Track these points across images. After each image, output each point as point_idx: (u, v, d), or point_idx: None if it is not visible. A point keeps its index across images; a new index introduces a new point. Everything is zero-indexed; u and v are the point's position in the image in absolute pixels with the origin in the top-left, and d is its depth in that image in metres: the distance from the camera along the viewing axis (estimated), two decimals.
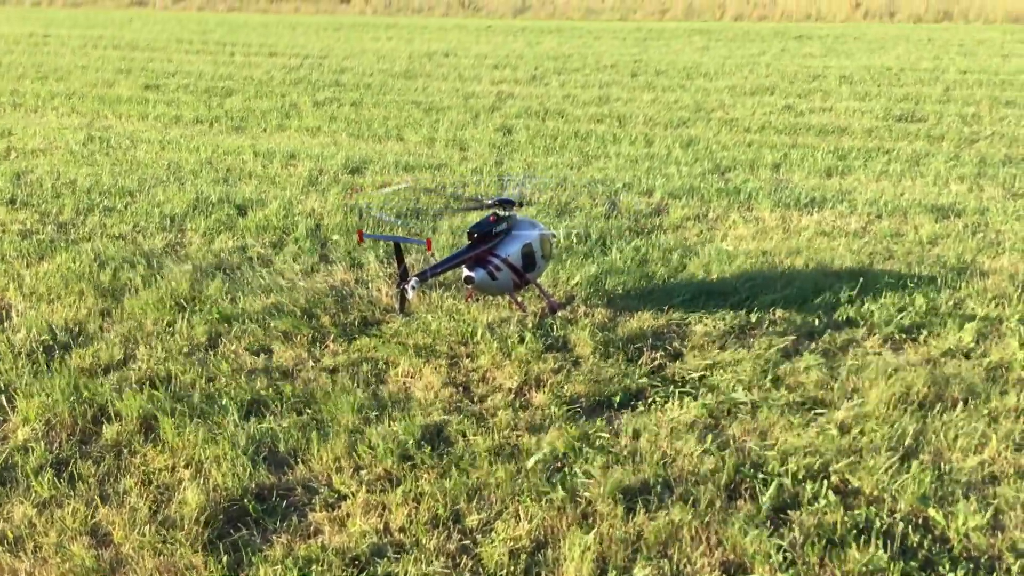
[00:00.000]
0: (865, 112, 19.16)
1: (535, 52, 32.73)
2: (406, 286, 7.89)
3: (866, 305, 8.92)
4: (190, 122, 18.57)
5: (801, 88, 22.54)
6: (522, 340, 8.22)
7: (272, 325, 8.60)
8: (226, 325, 8.63)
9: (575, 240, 10.94)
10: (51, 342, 8.30)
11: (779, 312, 8.86)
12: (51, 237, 11.17)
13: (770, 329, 8.53)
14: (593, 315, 8.87)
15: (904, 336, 8.36)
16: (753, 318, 8.76)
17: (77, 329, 8.60)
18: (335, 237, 11.08)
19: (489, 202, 8.76)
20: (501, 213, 8.55)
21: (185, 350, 8.14)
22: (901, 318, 8.62)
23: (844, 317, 8.75)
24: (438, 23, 54.46)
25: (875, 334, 8.40)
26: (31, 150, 15.75)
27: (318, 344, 8.37)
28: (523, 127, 18.01)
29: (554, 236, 9.59)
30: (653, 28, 48.83)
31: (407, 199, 12.71)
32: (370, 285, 9.69)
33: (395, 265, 7.87)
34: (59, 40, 35.79)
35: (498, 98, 21.64)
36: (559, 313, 8.84)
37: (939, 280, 9.55)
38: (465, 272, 8.22)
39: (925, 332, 8.40)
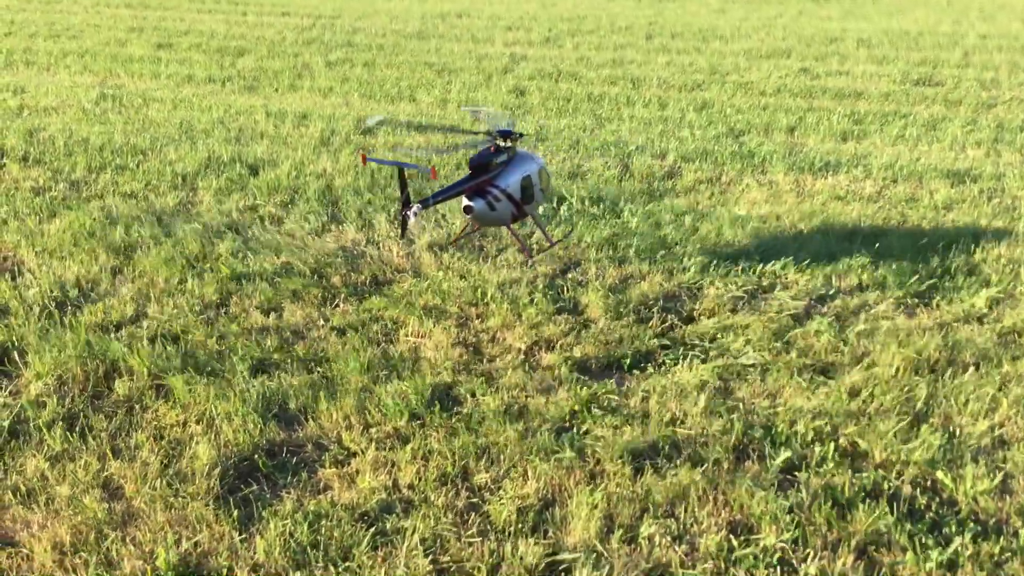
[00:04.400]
0: (882, 76, 18.92)
1: (549, 14, 32.39)
2: (408, 212, 7.88)
3: (879, 270, 8.86)
4: (202, 81, 18.48)
5: (818, 51, 22.26)
6: (532, 301, 8.21)
7: (282, 284, 8.61)
8: (236, 284, 8.64)
9: (587, 203, 10.88)
10: (63, 298, 8.33)
11: (791, 276, 8.82)
12: (63, 194, 11.18)
13: (782, 293, 8.50)
14: (604, 277, 8.84)
15: (917, 301, 8.32)
16: (765, 282, 8.73)
17: (89, 286, 8.62)
18: (348, 198, 11.05)
19: (490, 135, 8.74)
20: (501, 144, 8.53)
21: (196, 308, 8.17)
22: (914, 282, 8.57)
23: (856, 282, 8.70)
24: None
25: (888, 298, 8.35)
26: (44, 108, 15.72)
27: (328, 303, 8.38)
28: (536, 89, 17.86)
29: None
30: None
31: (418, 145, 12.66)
32: (380, 245, 9.67)
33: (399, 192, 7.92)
34: None
35: (511, 60, 21.44)
36: (536, 259, 8.95)
37: (953, 245, 9.47)
38: (465, 201, 8.22)
39: (938, 297, 8.35)
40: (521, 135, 8.71)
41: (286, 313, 8.15)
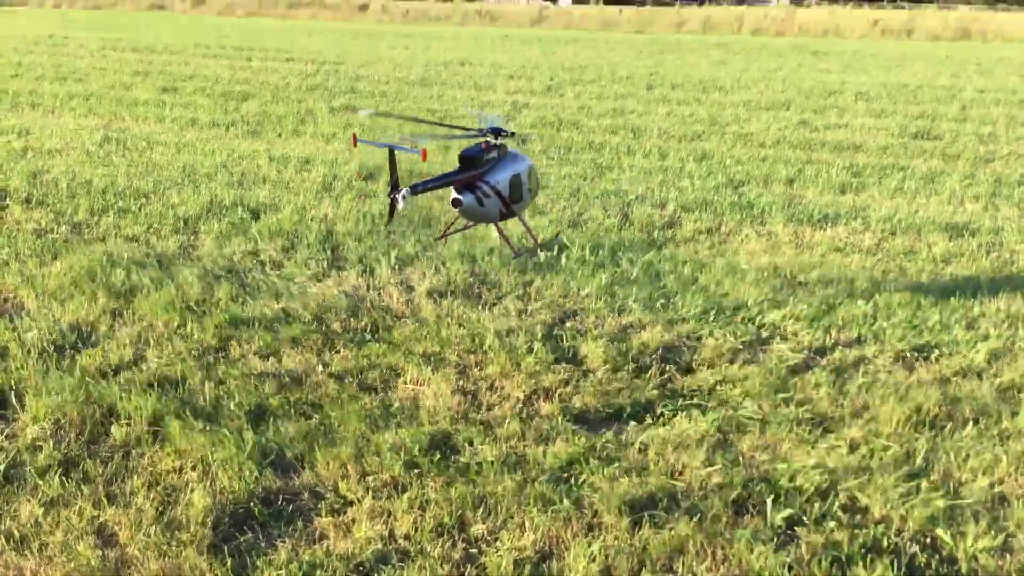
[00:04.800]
0: (881, 129, 19.10)
1: (551, 62, 32.79)
2: (397, 196, 7.90)
3: (878, 322, 8.88)
4: (206, 125, 18.65)
5: (817, 104, 22.50)
6: (531, 350, 8.21)
7: (282, 330, 8.62)
8: (236, 328, 8.64)
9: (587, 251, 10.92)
10: (62, 341, 8.32)
11: (790, 327, 8.83)
12: (65, 237, 11.22)
13: (781, 344, 8.50)
14: (604, 327, 8.85)
15: (916, 355, 8.32)
16: (764, 333, 8.73)
17: (88, 329, 8.62)
18: (349, 244, 11.10)
19: (483, 129, 8.81)
20: (493, 141, 8.60)
21: (195, 352, 8.16)
22: (913, 336, 8.58)
23: (856, 334, 8.71)
24: (454, 32, 54.56)
25: (887, 352, 8.35)
26: (48, 150, 15.84)
27: (327, 349, 8.37)
28: (538, 137, 18.01)
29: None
30: (670, 41, 48.87)
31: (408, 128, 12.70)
32: (381, 291, 9.69)
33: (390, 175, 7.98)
34: (78, 42, 36.02)
35: (513, 107, 21.67)
36: (522, 257, 9.06)
37: (952, 299, 9.50)
38: (454, 195, 8.26)
39: (937, 351, 8.35)
40: (512, 133, 8.80)
41: (285, 359, 8.15)
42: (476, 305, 9.40)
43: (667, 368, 8.01)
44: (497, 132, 8.59)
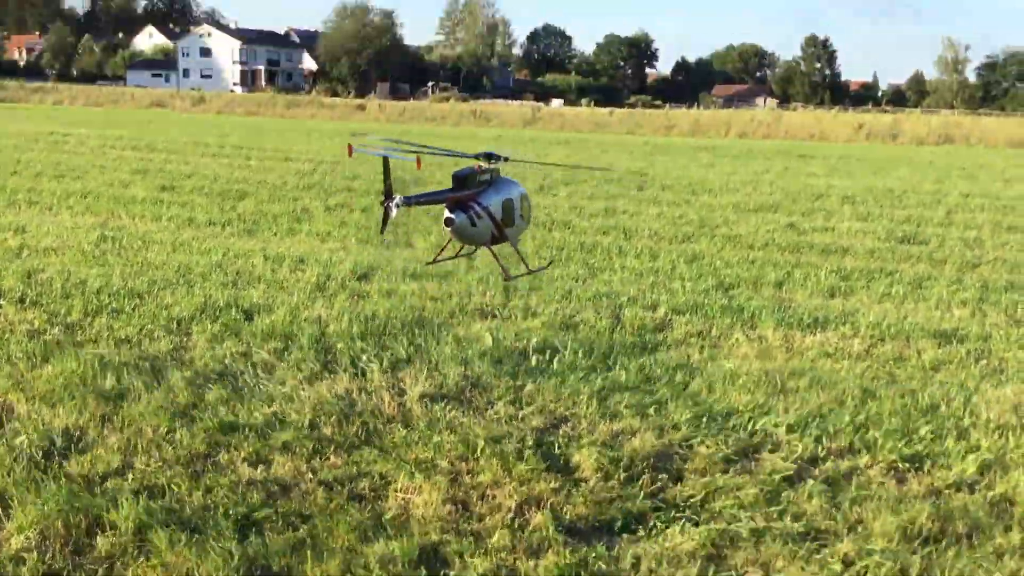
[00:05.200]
0: (868, 233, 19.41)
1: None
2: (390, 204, 7.96)
3: (870, 432, 8.88)
4: (203, 224, 18.85)
5: (804, 207, 22.89)
6: (523, 457, 8.17)
7: (272, 436, 8.57)
8: (225, 434, 8.59)
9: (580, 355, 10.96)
10: (51, 448, 8.26)
11: (782, 436, 8.82)
12: (57, 339, 11.22)
13: (773, 454, 8.48)
14: (596, 433, 8.83)
15: (908, 465, 8.30)
16: (756, 441, 8.72)
17: (77, 435, 8.56)
18: (340, 345, 11.12)
19: (477, 154, 9.00)
20: (485, 165, 8.73)
21: (183, 460, 8.10)
22: (904, 446, 8.57)
23: (847, 443, 8.70)
24: (449, 132, 55.67)
25: (879, 463, 8.34)
26: (44, 248, 15.96)
27: (318, 455, 8.31)
28: (530, 237, 18.23)
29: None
30: (660, 143, 49.91)
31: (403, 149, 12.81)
32: (373, 394, 9.68)
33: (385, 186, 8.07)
34: (78, 140, 36.65)
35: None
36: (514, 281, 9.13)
37: (942, 408, 9.53)
38: (446, 214, 8.35)
39: (929, 462, 8.34)
40: (506, 159, 8.95)
41: (274, 466, 8.08)
42: (468, 410, 9.39)
43: (659, 477, 7.97)
44: (489, 156, 8.82)
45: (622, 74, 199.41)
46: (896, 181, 28.81)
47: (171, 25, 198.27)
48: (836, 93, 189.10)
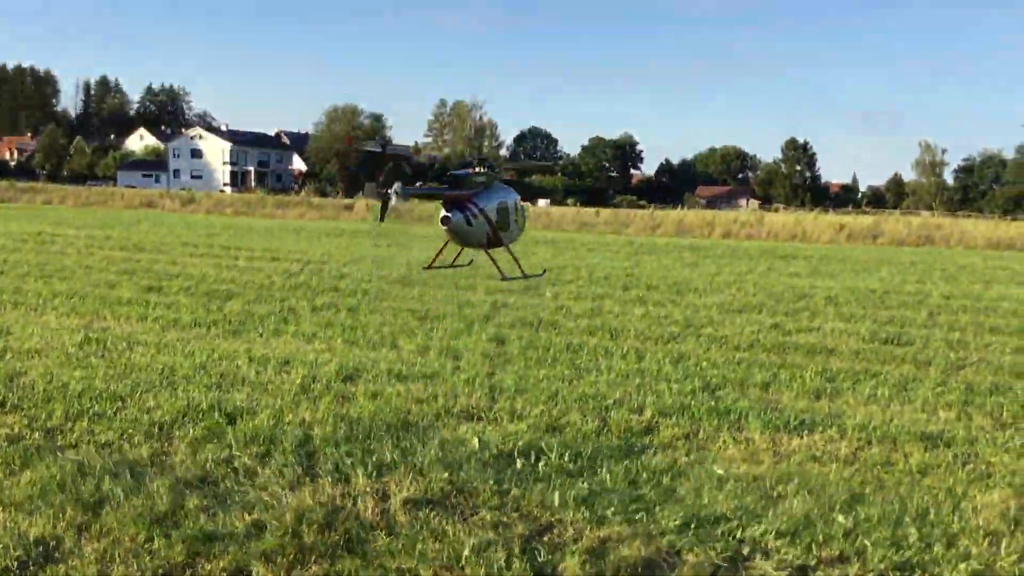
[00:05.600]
0: (852, 334, 19.53)
1: (530, 263, 33.64)
2: (390, 191, 8.02)
3: (859, 539, 8.77)
4: (188, 325, 18.82)
5: (788, 307, 23.07)
6: (509, 566, 8.02)
7: (252, 545, 8.40)
8: (205, 543, 8.42)
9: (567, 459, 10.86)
10: (26, 558, 8.06)
11: (772, 543, 8.70)
12: (38, 444, 11.06)
13: (763, 562, 8.35)
14: (582, 540, 8.69)
15: (898, 573, 8.18)
16: (745, 549, 8.60)
17: (53, 544, 8.37)
18: (324, 449, 11.00)
19: (470, 160, 9.24)
20: (479, 169, 8.83)
21: (161, 571, 7.91)
22: (895, 555, 8.47)
23: (837, 551, 8.59)
24: (439, 232, 55.92)
25: (870, 571, 8.22)
26: (27, 350, 15.86)
27: (299, 564, 8.14)
28: (516, 337, 18.27)
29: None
30: (645, 242, 50.50)
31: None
32: (357, 500, 9.54)
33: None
34: (66, 239, 36.81)
35: (492, 307, 22.07)
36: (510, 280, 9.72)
37: (931, 514, 9.44)
38: (443, 213, 8.43)
39: (919, 571, 8.23)
40: (492, 167, 9.11)
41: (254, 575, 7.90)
42: (453, 516, 9.25)
43: None
44: (483, 162, 9.00)
45: (607, 175, 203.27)
46: (878, 282, 29.15)
47: (163, 127, 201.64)
48: (817, 194, 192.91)
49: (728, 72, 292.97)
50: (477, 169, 9.02)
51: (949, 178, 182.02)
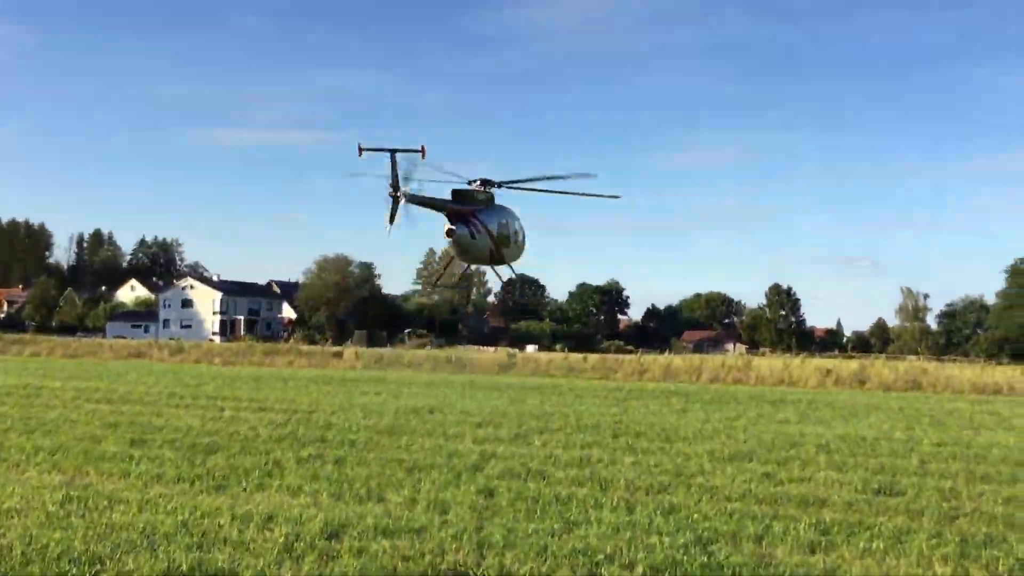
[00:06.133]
0: (844, 483, 19.35)
1: (518, 410, 33.55)
2: (398, 194, 8.27)
3: None
4: (172, 480, 18.52)
5: (779, 455, 22.92)
6: None
7: None
8: None
9: None
10: None
11: None
12: None
13: None
14: None
15: None
16: None
17: None
18: None
19: (473, 181, 9.46)
20: (480, 189, 9.13)
21: None
22: None
23: None
24: (426, 379, 56.16)
25: None
26: (6, 509, 15.53)
27: None
28: (505, 489, 18.01)
29: None
30: (633, 388, 50.49)
31: None
32: None
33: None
34: (52, 392, 36.57)
35: (481, 457, 21.86)
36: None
37: None
38: (448, 226, 8.67)
39: None
40: (500, 185, 9.41)
41: None
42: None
43: None
44: (486, 182, 9.35)
45: (595, 320, 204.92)
46: (868, 428, 29.06)
47: (155, 278, 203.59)
48: (802, 339, 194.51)
49: (711, 221, 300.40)
50: (479, 188, 9.60)
51: (932, 323, 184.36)
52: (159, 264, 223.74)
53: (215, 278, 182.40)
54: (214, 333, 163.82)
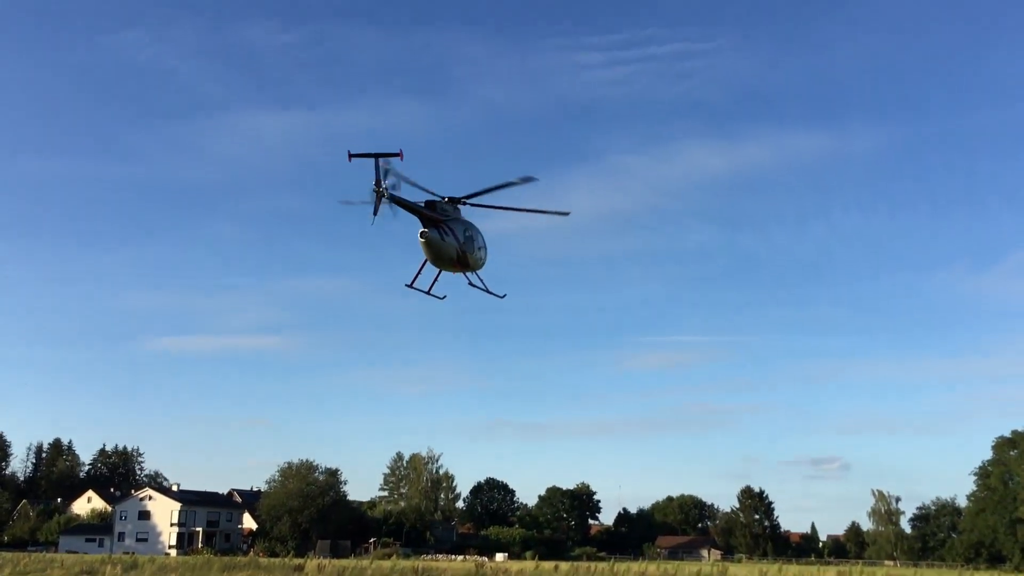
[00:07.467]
0: None
1: None
2: (380, 190, 9.41)
3: None
4: None
5: None
6: None
7: None
8: None
9: None
10: None
11: None
12: None
13: None
14: None
15: None
16: None
17: None
18: None
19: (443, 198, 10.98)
20: (447, 204, 10.48)
21: None
22: None
23: None
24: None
25: None
26: None
27: None
28: None
29: None
30: None
31: None
32: None
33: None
34: None
35: None
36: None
37: None
38: (422, 229, 9.96)
39: None
40: (463, 200, 11.02)
41: None
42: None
43: None
44: (453, 200, 10.94)
45: (566, 526, 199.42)
46: None
47: (112, 489, 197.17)
48: (777, 544, 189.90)
49: (679, 424, 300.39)
50: (446, 204, 11.11)
51: (906, 526, 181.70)
52: (118, 474, 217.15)
53: (174, 487, 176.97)
54: (171, 546, 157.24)
